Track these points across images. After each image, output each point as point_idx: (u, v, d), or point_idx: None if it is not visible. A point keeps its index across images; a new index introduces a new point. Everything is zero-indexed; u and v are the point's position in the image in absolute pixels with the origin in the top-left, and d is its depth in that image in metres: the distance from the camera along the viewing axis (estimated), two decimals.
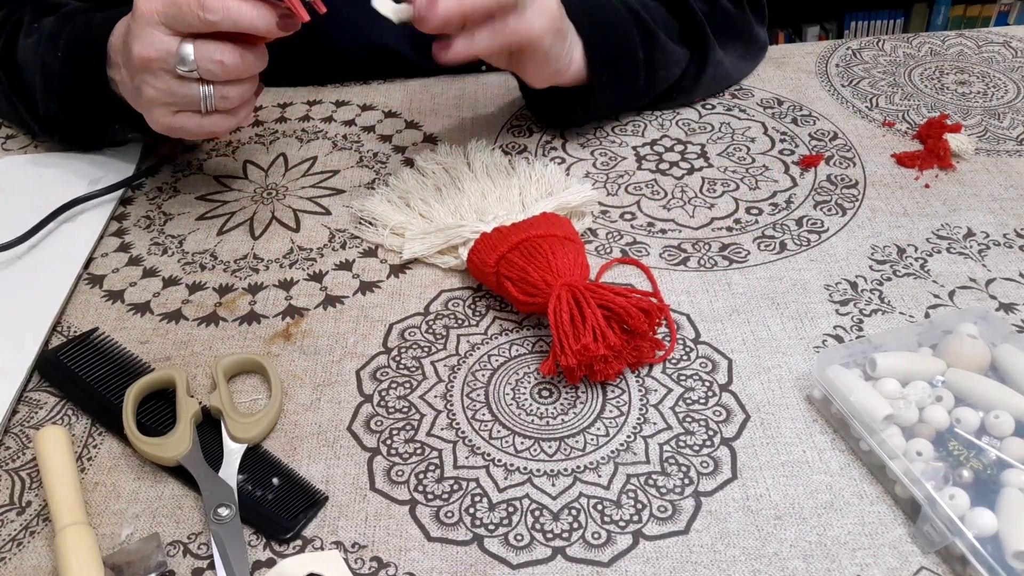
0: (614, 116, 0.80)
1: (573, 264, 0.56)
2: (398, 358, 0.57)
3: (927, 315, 0.59)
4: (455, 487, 0.49)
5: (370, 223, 0.68)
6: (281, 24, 0.57)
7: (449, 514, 0.48)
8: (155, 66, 0.58)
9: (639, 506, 0.48)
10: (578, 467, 0.50)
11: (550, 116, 0.78)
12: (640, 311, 0.53)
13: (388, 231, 0.66)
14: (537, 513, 0.48)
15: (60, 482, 0.48)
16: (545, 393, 0.55)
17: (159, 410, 0.54)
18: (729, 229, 0.67)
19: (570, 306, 0.53)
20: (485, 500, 0.49)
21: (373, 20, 0.68)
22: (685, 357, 0.56)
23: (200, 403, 0.54)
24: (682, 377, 0.55)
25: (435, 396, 0.55)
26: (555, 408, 0.54)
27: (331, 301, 0.62)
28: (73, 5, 0.72)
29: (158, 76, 0.58)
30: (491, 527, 0.47)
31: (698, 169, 0.73)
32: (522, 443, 0.52)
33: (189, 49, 0.57)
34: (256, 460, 0.51)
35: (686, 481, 0.49)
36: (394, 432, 0.53)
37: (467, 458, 0.51)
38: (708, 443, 0.51)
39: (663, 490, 0.49)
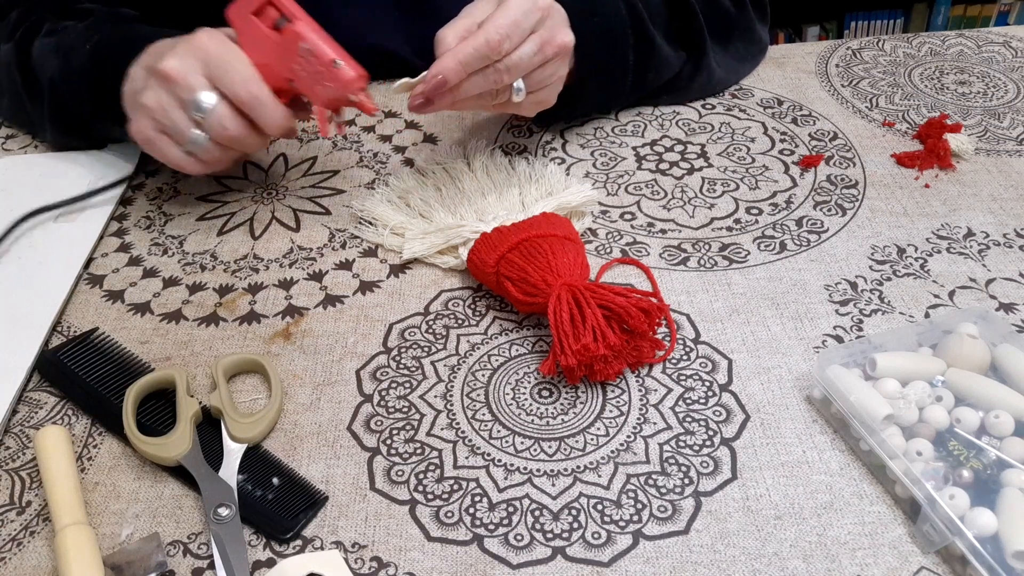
0: (605, 113, 0.80)
1: (573, 264, 0.56)
2: (398, 358, 0.57)
3: (927, 315, 0.59)
4: (455, 487, 0.49)
5: (370, 223, 0.68)
6: (288, 134, 0.63)
7: (449, 514, 0.48)
8: (171, 87, 0.60)
9: (639, 506, 0.48)
10: (578, 467, 0.50)
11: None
12: (640, 311, 0.53)
13: (388, 231, 0.66)
14: (537, 513, 0.48)
15: (60, 482, 0.48)
16: (545, 393, 0.55)
17: (159, 410, 0.54)
18: (729, 229, 0.67)
19: (570, 306, 0.53)
20: (485, 500, 0.49)
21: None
22: (685, 357, 0.56)
23: (200, 403, 0.54)
24: (682, 377, 0.55)
25: (435, 396, 0.55)
26: (555, 408, 0.54)
27: (331, 301, 0.62)
28: (123, 10, 0.73)
29: (169, 95, 0.60)
30: (491, 527, 0.47)
31: (698, 169, 0.73)
32: (522, 443, 0.52)
33: (212, 102, 0.60)
34: (256, 460, 0.51)
35: (686, 481, 0.49)
36: (394, 432, 0.53)
37: (467, 458, 0.51)
38: (708, 443, 0.51)
39: (663, 490, 0.49)
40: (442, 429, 0.53)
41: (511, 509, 0.48)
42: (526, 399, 0.54)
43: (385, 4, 0.80)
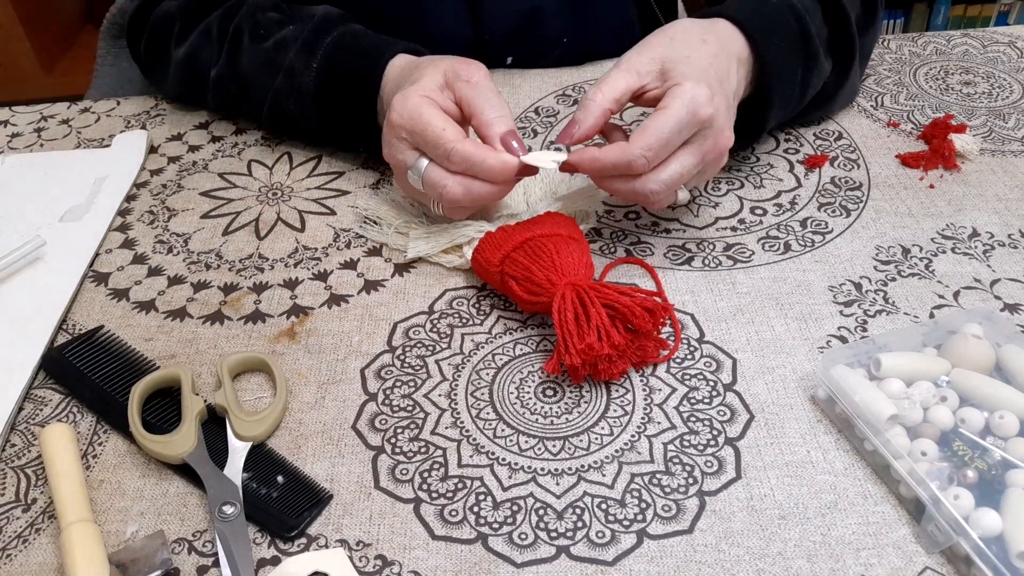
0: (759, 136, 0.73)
1: (577, 263, 0.56)
2: (402, 357, 0.57)
3: (932, 315, 0.59)
4: (459, 485, 0.50)
5: (374, 222, 0.68)
6: (515, 173, 0.58)
7: (453, 512, 0.48)
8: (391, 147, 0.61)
9: (643, 505, 0.48)
10: (582, 466, 0.50)
11: None
12: (644, 310, 0.53)
13: (392, 230, 0.66)
14: (541, 512, 0.48)
15: (65, 479, 0.48)
16: (549, 392, 0.55)
17: (164, 408, 0.54)
18: (733, 229, 0.67)
19: (574, 305, 0.53)
20: (489, 499, 0.49)
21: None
22: (689, 357, 0.56)
23: (205, 401, 0.54)
24: (686, 377, 0.55)
25: (439, 395, 0.55)
26: (559, 407, 0.54)
27: (336, 300, 0.62)
28: (325, 10, 0.72)
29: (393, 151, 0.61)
30: (495, 526, 0.47)
31: None
32: (526, 442, 0.52)
33: (420, 168, 0.59)
34: (261, 458, 0.51)
35: (690, 480, 0.49)
36: (398, 431, 0.53)
37: (471, 457, 0.51)
38: (712, 443, 0.51)
39: (667, 489, 0.49)
40: (446, 428, 0.53)
41: (515, 508, 0.48)
42: (530, 398, 0.54)
43: None
